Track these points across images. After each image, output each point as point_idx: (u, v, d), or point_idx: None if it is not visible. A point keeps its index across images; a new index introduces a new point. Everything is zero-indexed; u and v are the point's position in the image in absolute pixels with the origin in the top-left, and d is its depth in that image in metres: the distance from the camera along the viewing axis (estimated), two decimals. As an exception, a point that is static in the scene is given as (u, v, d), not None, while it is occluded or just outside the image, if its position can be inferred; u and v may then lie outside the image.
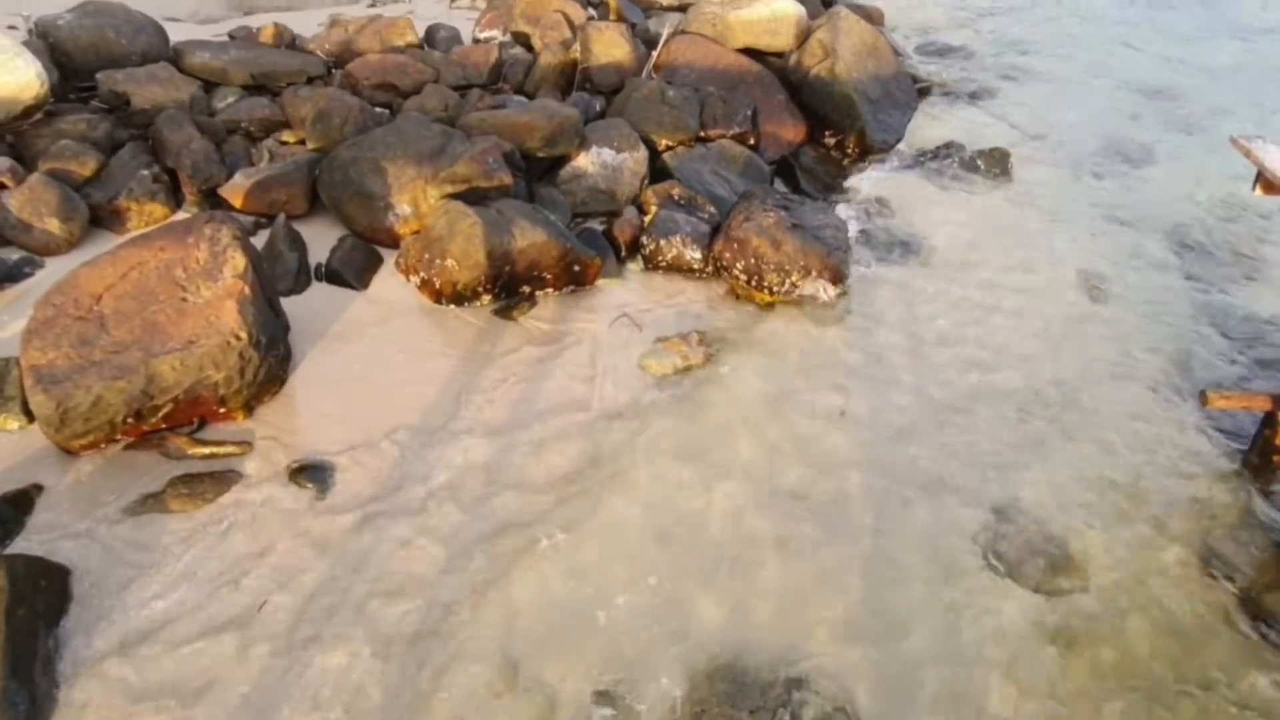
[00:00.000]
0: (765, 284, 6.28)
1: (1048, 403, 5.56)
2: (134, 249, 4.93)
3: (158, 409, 4.59)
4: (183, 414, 4.72)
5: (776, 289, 6.27)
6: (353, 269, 6.16)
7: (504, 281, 6.01)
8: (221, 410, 4.82)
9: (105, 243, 5.79)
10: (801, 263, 6.24)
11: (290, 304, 5.65)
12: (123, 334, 4.56)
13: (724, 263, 6.45)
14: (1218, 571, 4.49)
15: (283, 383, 5.16)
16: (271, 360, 4.95)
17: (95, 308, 4.64)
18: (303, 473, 4.63)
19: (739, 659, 3.94)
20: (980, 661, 3.99)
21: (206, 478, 4.54)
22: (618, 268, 6.60)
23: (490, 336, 5.78)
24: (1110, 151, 9.03)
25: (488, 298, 6.04)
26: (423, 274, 5.98)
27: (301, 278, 6.03)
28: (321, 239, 6.39)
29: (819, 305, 6.30)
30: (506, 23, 9.93)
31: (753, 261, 6.31)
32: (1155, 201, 8.08)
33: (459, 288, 5.93)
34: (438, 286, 5.94)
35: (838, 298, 6.36)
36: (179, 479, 4.51)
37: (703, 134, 7.98)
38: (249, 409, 4.93)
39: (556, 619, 4.07)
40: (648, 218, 6.85)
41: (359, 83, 8.04)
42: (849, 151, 8.72)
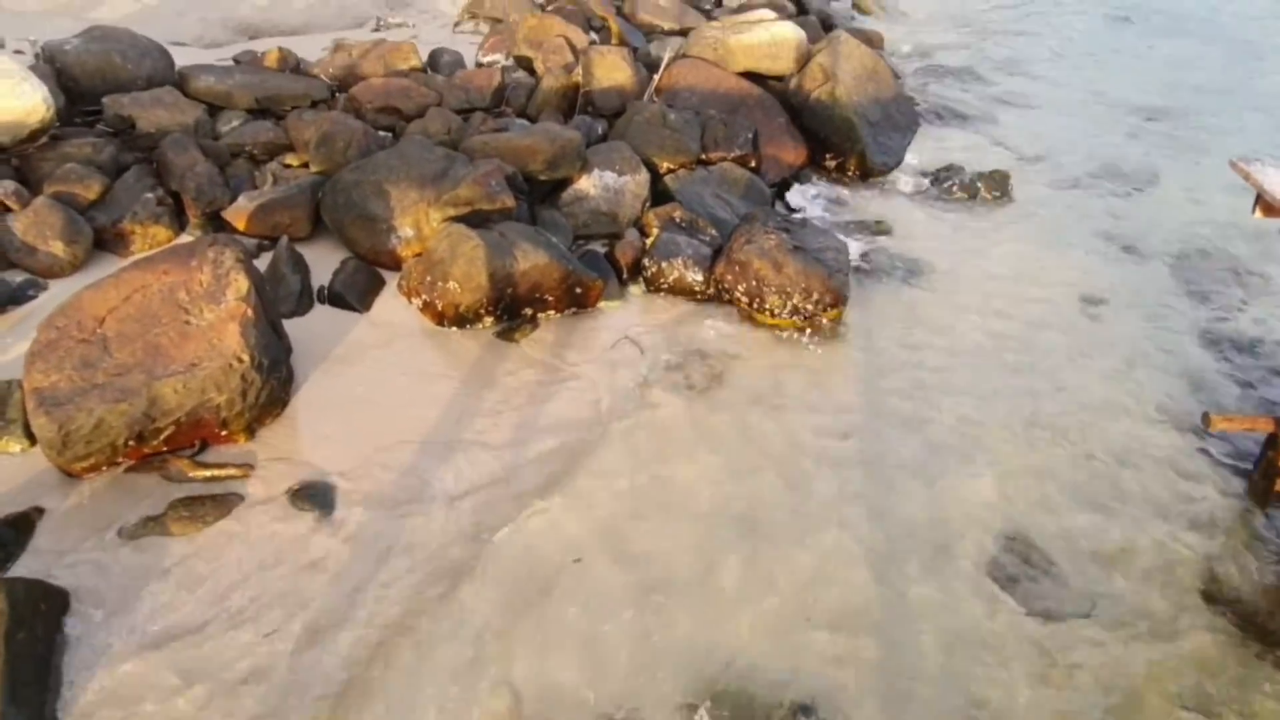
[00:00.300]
0: (767, 306, 6.30)
1: (1049, 425, 5.56)
2: (137, 272, 4.95)
3: (159, 431, 4.59)
4: (184, 436, 4.71)
5: (778, 311, 6.28)
6: (355, 291, 6.18)
7: (506, 304, 6.03)
8: (223, 433, 4.82)
9: (109, 265, 5.82)
10: (803, 285, 6.25)
11: (293, 326, 5.67)
12: (125, 356, 4.57)
13: (725, 285, 6.47)
14: (1222, 595, 4.46)
15: (285, 405, 5.16)
16: (274, 383, 4.96)
17: (98, 330, 4.65)
18: (304, 495, 4.62)
19: (731, 685, 3.93)
20: (978, 680, 3.96)
21: (208, 500, 4.53)
22: (619, 290, 6.62)
23: (492, 359, 5.79)
24: (1110, 173, 9.07)
25: (489, 320, 6.05)
26: (425, 296, 6.00)
27: (304, 300, 6.05)
28: (324, 261, 6.41)
29: (820, 327, 6.31)
30: (509, 47, 10.01)
31: (754, 284, 6.32)
32: (1156, 223, 8.11)
33: (461, 310, 5.95)
34: (440, 309, 5.96)
35: (838, 320, 6.37)
36: (180, 502, 4.49)
37: (704, 157, 8.02)
38: (251, 431, 4.93)
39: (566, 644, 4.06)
40: (649, 240, 6.87)
41: (362, 106, 8.10)
42: (850, 174, 8.76)
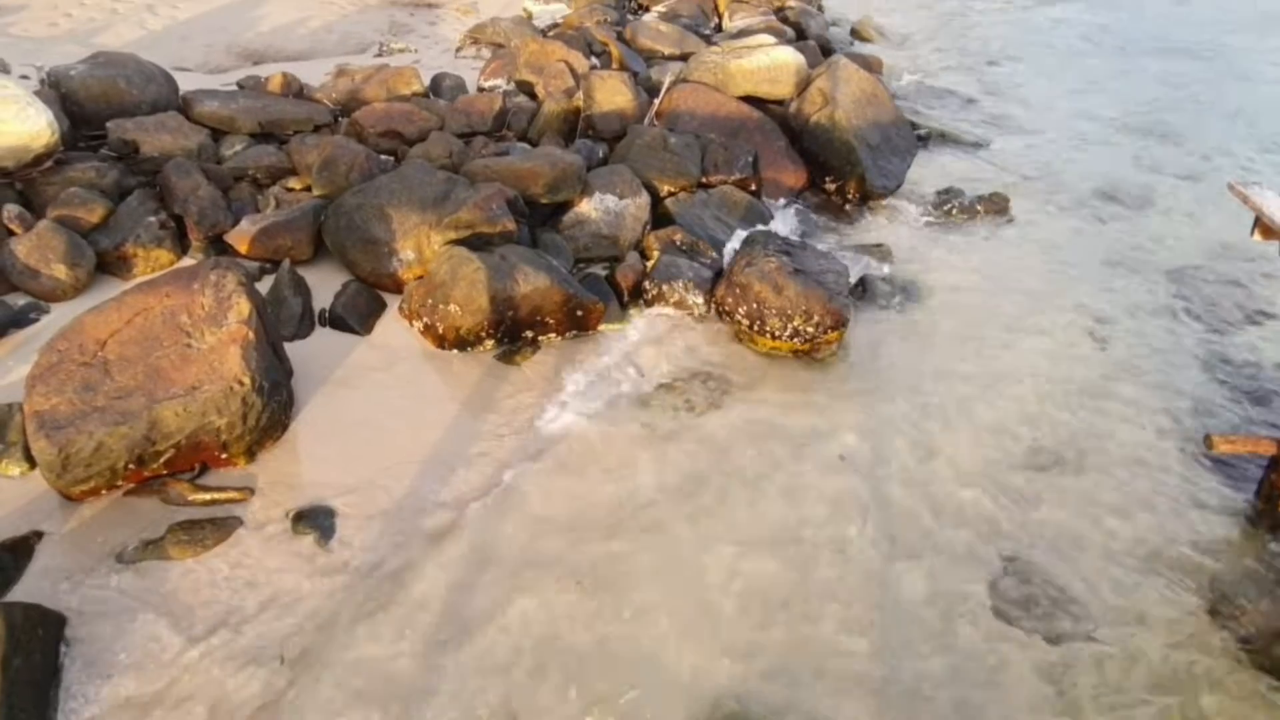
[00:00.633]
0: (767, 329, 6.30)
1: (1051, 448, 5.54)
2: (139, 295, 4.97)
3: (159, 455, 4.58)
4: (184, 460, 4.71)
5: (779, 334, 6.28)
6: (356, 314, 6.19)
7: (507, 327, 6.03)
8: (223, 456, 4.81)
9: (111, 289, 5.84)
10: (803, 308, 6.26)
11: (294, 349, 5.67)
12: (126, 380, 4.57)
13: (726, 308, 6.48)
14: (1225, 618, 4.43)
15: (285, 428, 5.16)
16: (274, 406, 4.95)
17: (99, 354, 4.66)
18: (304, 519, 4.60)
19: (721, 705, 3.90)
20: (986, 704, 3.93)
21: (207, 524, 4.52)
22: (620, 313, 6.63)
23: (493, 382, 5.78)
24: (1110, 195, 9.10)
25: (490, 343, 6.06)
26: (426, 319, 6.01)
27: (305, 323, 6.06)
28: (326, 284, 6.43)
29: (820, 350, 6.30)
30: (511, 71, 10.09)
31: (754, 307, 6.33)
32: (1155, 245, 8.13)
33: (462, 333, 5.95)
34: (440, 332, 5.97)
35: (839, 343, 6.37)
36: (179, 526, 4.48)
37: (704, 180, 8.06)
38: (251, 455, 4.92)
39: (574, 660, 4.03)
40: (650, 263, 6.89)
41: (365, 130, 8.15)
42: (849, 197, 8.79)
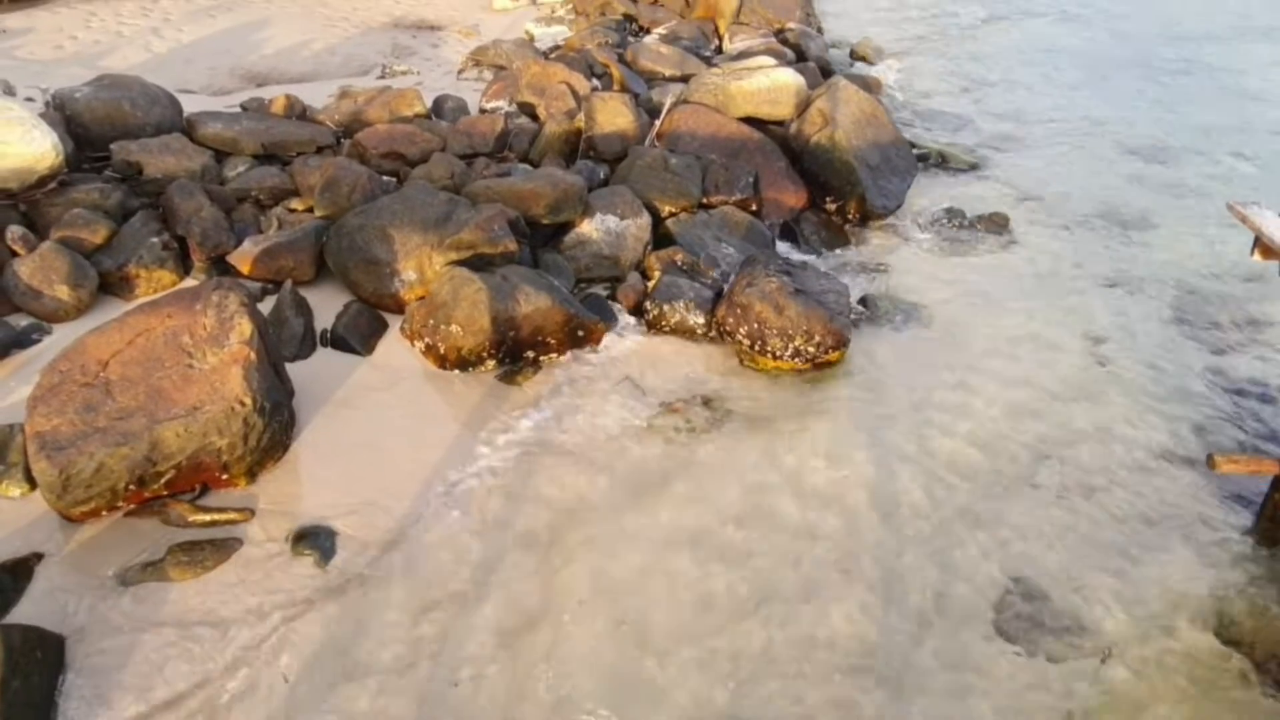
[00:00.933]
0: (768, 349, 6.30)
1: (1053, 469, 5.52)
2: (141, 316, 4.98)
3: (160, 475, 4.57)
4: (185, 480, 4.70)
5: (780, 353, 6.28)
6: (358, 335, 6.20)
7: (508, 347, 6.04)
8: (224, 476, 4.80)
9: (114, 309, 5.84)
10: (804, 328, 6.26)
11: (295, 369, 5.68)
12: (128, 400, 4.57)
13: (727, 328, 6.48)
14: (1230, 637, 4.41)
15: (286, 448, 5.15)
16: (275, 426, 4.95)
17: (101, 374, 4.66)
18: (304, 540, 4.59)
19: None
20: (987, 714, 3.91)
21: (207, 545, 4.50)
22: (621, 333, 6.63)
23: (494, 402, 5.78)
24: (1109, 215, 9.12)
25: (492, 363, 6.06)
26: (427, 339, 6.01)
27: (307, 343, 6.07)
28: (327, 305, 6.44)
29: (821, 370, 6.30)
30: (512, 93, 10.15)
31: (755, 326, 6.34)
32: (1154, 265, 8.14)
33: (463, 353, 5.96)
34: (442, 352, 5.97)
35: (840, 363, 6.37)
36: (179, 547, 4.47)
37: (705, 201, 8.09)
38: (252, 475, 4.91)
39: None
40: (651, 283, 6.91)
41: (367, 152, 8.19)
42: (849, 217, 8.81)
